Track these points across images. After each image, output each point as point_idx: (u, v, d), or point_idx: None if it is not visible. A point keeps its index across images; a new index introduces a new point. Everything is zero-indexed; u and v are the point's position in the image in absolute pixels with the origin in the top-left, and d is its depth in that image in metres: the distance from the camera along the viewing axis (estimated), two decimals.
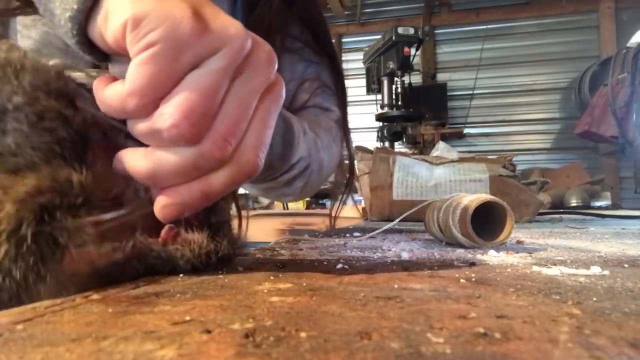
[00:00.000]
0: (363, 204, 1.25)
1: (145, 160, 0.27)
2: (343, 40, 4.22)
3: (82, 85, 0.31)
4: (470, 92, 3.77)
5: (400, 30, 2.87)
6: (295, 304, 0.22)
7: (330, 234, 0.71)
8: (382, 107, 3.16)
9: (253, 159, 0.28)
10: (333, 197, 0.74)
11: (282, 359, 0.15)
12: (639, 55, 2.77)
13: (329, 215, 0.70)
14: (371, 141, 3.22)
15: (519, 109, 3.92)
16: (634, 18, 3.58)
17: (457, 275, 0.31)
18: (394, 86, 3.07)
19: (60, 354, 0.15)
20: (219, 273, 0.32)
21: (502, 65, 3.92)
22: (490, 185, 1.07)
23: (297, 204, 2.09)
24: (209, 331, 0.18)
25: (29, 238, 0.24)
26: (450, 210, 0.50)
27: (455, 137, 3.80)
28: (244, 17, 0.58)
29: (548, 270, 0.33)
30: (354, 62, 3.96)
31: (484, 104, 3.92)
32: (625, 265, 0.35)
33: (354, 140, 0.72)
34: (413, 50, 2.99)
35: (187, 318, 0.20)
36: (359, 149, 1.25)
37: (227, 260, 0.34)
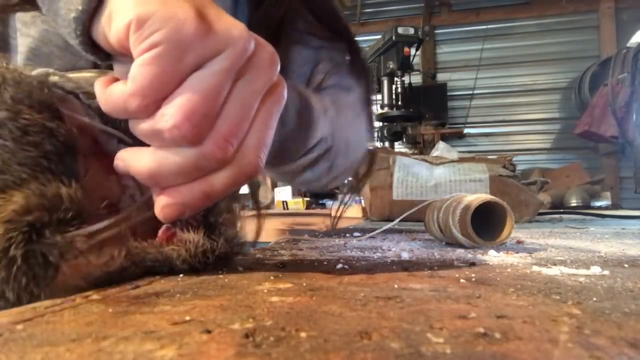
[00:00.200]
0: (363, 204, 1.25)
1: (146, 159, 0.27)
2: None
3: (70, 92, 0.31)
4: (470, 92, 3.77)
5: (400, 30, 2.87)
6: (295, 304, 0.22)
7: (330, 234, 0.71)
8: (382, 107, 3.16)
9: (254, 160, 0.28)
10: (345, 189, 0.71)
11: (282, 359, 0.15)
12: (639, 55, 2.77)
13: (342, 202, 0.68)
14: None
15: (519, 109, 3.91)
16: (634, 18, 3.58)
17: (457, 275, 0.31)
18: (394, 86, 3.06)
19: (60, 354, 0.15)
20: (218, 273, 0.32)
21: (502, 65, 3.92)
22: (490, 185, 1.07)
23: (297, 204, 2.08)
24: (209, 331, 0.18)
25: (19, 259, 0.23)
26: (450, 210, 0.50)
27: (455, 137, 3.79)
28: (249, 13, 0.57)
29: (548, 270, 0.33)
30: None
31: (484, 104, 3.92)
32: (625, 265, 0.35)
33: None
34: (413, 50, 2.99)
35: (187, 318, 0.20)
36: None
37: (226, 259, 0.34)
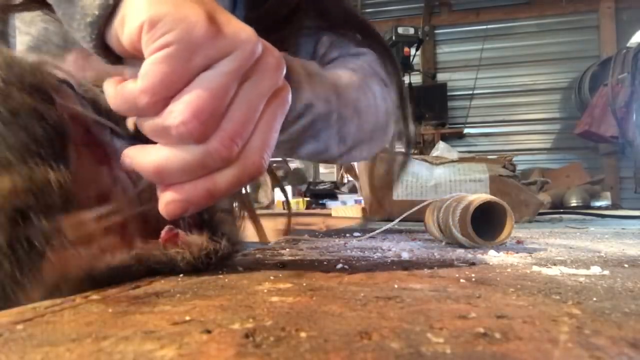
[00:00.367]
0: (363, 204, 1.25)
1: (153, 156, 0.27)
2: None
3: (64, 81, 0.30)
4: (470, 92, 3.77)
5: (400, 30, 2.88)
6: (295, 304, 0.22)
7: (330, 234, 0.71)
8: None
9: (258, 161, 0.28)
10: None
11: (282, 359, 0.15)
12: (639, 55, 2.77)
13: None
14: None
15: (519, 109, 3.92)
16: (634, 18, 3.58)
17: (457, 275, 0.31)
18: None
19: (60, 354, 0.15)
20: (219, 273, 0.32)
21: (502, 65, 3.92)
22: (490, 185, 1.07)
23: (297, 204, 2.08)
24: (209, 331, 0.18)
25: (3, 243, 0.23)
26: (450, 210, 0.50)
27: (455, 137, 3.79)
28: (245, 14, 0.56)
29: (548, 270, 0.33)
30: None
31: (484, 104, 3.92)
32: (625, 265, 0.35)
33: None
34: (413, 50, 2.99)
35: (187, 318, 0.20)
36: None
37: (227, 258, 0.34)
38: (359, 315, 0.20)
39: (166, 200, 0.28)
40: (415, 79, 3.81)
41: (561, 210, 1.76)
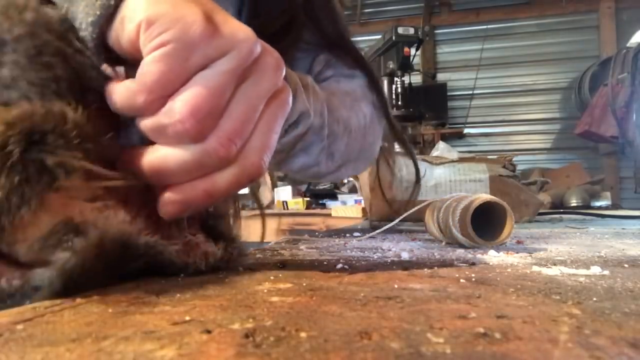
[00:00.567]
0: (363, 204, 1.25)
1: (150, 156, 0.27)
2: None
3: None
4: (470, 92, 3.77)
5: (400, 30, 2.87)
6: (295, 304, 0.22)
7: (330, 234, 0.71)
8: None
9: (257, 162, 0.28)
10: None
11: (282, 359, 0.15)
12: (639, 55, 2.77)
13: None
14: None
15: (519, 109, 3.92)
16: (634, 18, 3.58)
17: (457, 275, 0.31)
18: (394, 86, 3.06)
19: (60, 354, 0.15)
20: (218, 273, 0.32)
21: (502, 65, 3.92)
22: (490, 185, 1.07)
23: (297, 204, 2.08)
24: (209, 331, 0.18)
25: (16, 155, 0.22)
26: (450, 210, 0.50)
27: (455, 137, 3.79)
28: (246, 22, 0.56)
29: (548, 270, 0.33)
30: None
31: (484, 104, 3.92)
32: (625, 265, 0.35)
33: None
34: (413, 50, 2.99)
35: (187, 318, 0.20)
36: None
37: (231, 262, 0.34)
38: (359, 315, 0.20)
39: (164, 201, 0.28)
40: (415, 79, 3.81)
41: (561, 210, 1.75)
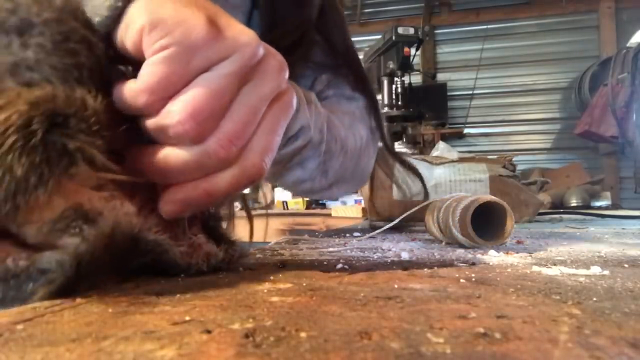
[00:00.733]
0: (363, 204, 1.25)
1: (153, 154, 0.28)
2: None
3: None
4: (470, 92, 3.77)
5: (400, 30, 2.87)
6: (295, 304, 0.22)
7: (330, 234, 0.71)
8: (382, 107, 3.16)
9: (258, 163, 0.28)
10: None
11: (282, 359, 0.15)
12: (639, 55, 2.77)
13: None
14: None
15: (519, 109, 3.92)
16: (634, 18, 3.58)
17: (457, 275, 0.31)
18: (394, 86, 3.06)
19: (60, 354, 0.15)
20: (219, 273, 0.32)
21: (502, 65, 3.92)
22: (490, 185, 1.07)
23: (297, 204, 2.08)
24: (209, 331, 0.18)
25: (39, 134, 0.22)
26: (450, 210, 0.50)
27: (455, 137, 3.79)
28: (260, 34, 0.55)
29: (548, 270, 0.33)
30: None
31: (484, 104, 3.92)
32: (625, 265, 0.35)
33: None
34: (413, 50, 2.99)
35: (187, 318, 0.20)
36: None
37: (232, 262, 0.34)
38: (359, 315, 0.20)
39: (165, 200, 0.28)
40: (415, 79, 3.81)
41: (561, 210, 1.75)
